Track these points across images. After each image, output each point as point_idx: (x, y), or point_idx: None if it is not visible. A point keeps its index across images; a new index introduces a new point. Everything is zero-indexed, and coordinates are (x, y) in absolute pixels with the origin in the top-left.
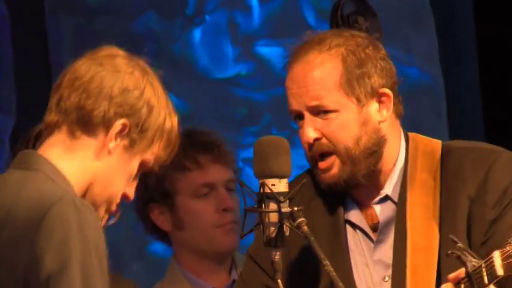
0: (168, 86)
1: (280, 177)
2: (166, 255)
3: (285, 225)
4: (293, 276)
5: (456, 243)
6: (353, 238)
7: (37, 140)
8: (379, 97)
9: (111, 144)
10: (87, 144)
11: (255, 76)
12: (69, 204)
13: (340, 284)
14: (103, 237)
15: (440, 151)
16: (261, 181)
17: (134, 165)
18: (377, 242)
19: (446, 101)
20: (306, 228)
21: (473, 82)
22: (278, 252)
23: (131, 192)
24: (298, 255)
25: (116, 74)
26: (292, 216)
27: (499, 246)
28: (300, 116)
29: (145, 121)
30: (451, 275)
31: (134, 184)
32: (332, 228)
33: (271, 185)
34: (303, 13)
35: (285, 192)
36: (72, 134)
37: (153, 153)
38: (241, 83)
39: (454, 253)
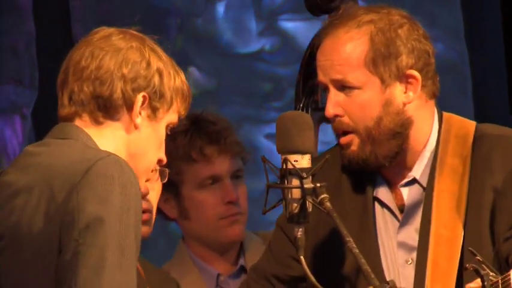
0: (191, 61)
1: (303, 153)
2: None
3: (307, 202)
4: (319, 252)
5: (475, 255)
6: (381, 216)
7: None
8: (406, 78)
9: (138, 120)
10: (114, 126)
11: (279, 51)
12: (115, 162)
13: (363, 260)
14: (141, 202)
15: (473, 135)
16: (283, 157)
17: (162, 130)
18: (402, 224)
19: (471, 78)
20: (328, 204)
21: (499, 59)
22: (301, 229)
23: (163, 156)
24: (325, 232)
25: (119, 53)
26: (315, 192)
27: None
28: (327, 88)
29: (160, 87)
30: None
31: (163, 147)
32: (361, 204)
33: (294, 160)
34: None
35: (307, 168)
36: (96, 121)
37: (174, 112)
38: (265, 58)
39: (472, 266)
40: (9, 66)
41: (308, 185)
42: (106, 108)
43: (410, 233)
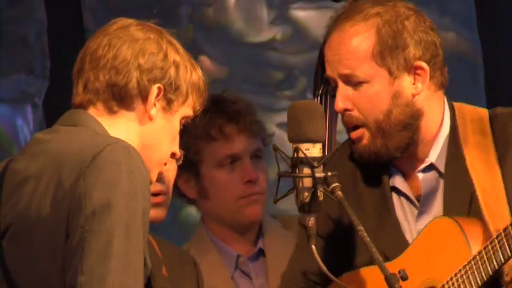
0: (202, 50)
1: (314, 141)
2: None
3: (318, 191)
4: (339, 239)
5: None
6: (399, 205)
7: None
8: (414, 70)
9: (152, 111)
10: (128, 115)
11: (291, 40)
12: (123, 148)
13: (375, 249)
14: (149, 188)
15: (488, 117)
16: (294, 146)
17: (176, 123)
18: (420, 213)
19: (483, 67)
20: (340, 193)
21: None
22: (312, 218)
23: (177, 149)
24: (346, 219)
25: (136, 43)
26: (326, 181)
27: None
28: (336, 83)
29: (176, 79)
30: None
31: (178, 140)
32: (380, 195)
33: (305, 149)
34: None
35: (319, 157)
36: (110, 109)
37: (189, 106)
38: (276, 47)
39: None
40: (20, 55)
41: (319, 173)
42: (121, 97)
43: (429, 221)
